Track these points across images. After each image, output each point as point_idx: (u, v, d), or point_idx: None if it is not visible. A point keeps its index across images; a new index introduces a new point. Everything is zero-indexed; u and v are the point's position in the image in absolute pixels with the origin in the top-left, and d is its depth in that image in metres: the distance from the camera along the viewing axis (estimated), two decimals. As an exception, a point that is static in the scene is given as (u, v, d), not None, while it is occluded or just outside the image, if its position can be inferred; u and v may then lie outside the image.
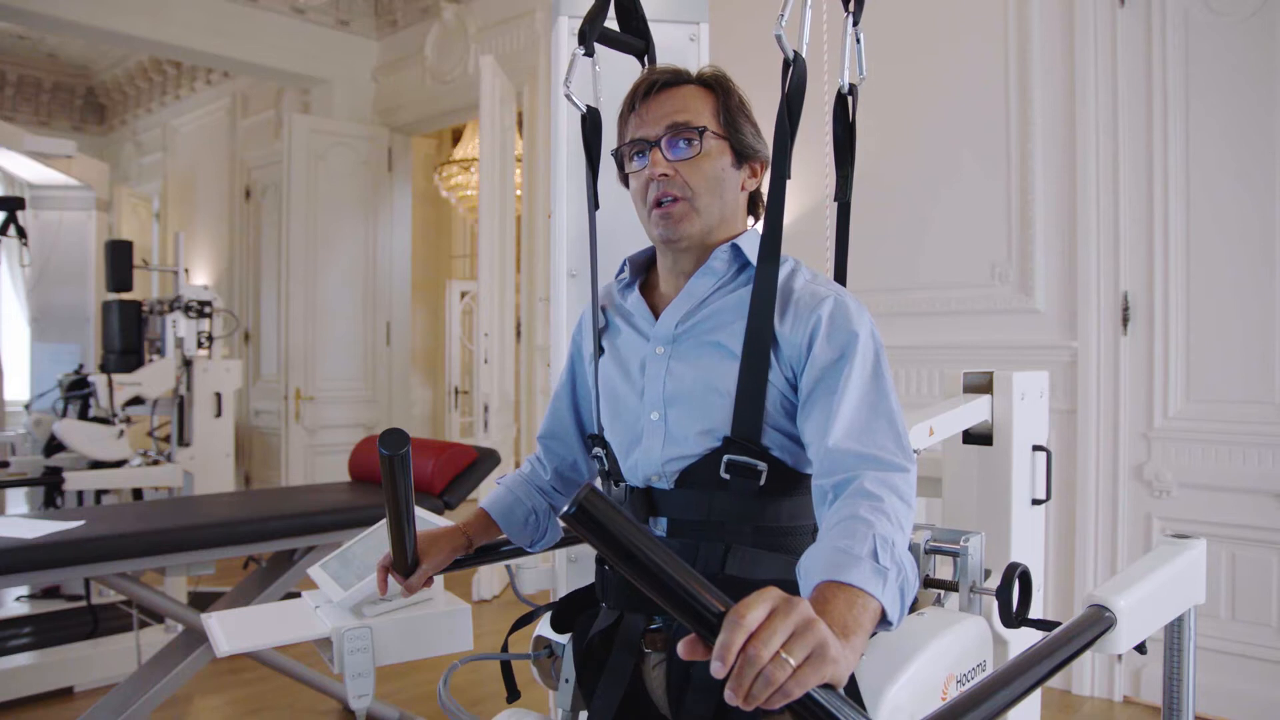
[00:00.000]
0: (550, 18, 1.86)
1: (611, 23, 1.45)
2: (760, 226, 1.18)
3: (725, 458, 1.08)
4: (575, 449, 1.37)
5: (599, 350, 1.25)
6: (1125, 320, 2.93)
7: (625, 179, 1.21)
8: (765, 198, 1.15)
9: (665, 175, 1.12)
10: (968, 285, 3.24)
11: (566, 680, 1.28)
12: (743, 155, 1.17)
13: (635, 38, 1.49)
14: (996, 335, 3.17)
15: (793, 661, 0.66)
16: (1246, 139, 2.72)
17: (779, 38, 1.11)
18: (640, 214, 1.18)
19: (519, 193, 4.95)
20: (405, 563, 1.22)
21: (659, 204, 1.13)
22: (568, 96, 1.33)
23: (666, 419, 1.13)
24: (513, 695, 1.37)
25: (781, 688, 0.66)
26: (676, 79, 1.16)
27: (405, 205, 6.10)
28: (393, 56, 5.83)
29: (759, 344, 1.07)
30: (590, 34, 1.34)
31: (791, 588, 0.75)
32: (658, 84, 1.15)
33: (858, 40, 1.31)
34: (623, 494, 1.19)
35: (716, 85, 1.16)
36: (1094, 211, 2.96)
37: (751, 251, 1.15)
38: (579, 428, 1.36)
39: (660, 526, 1.14)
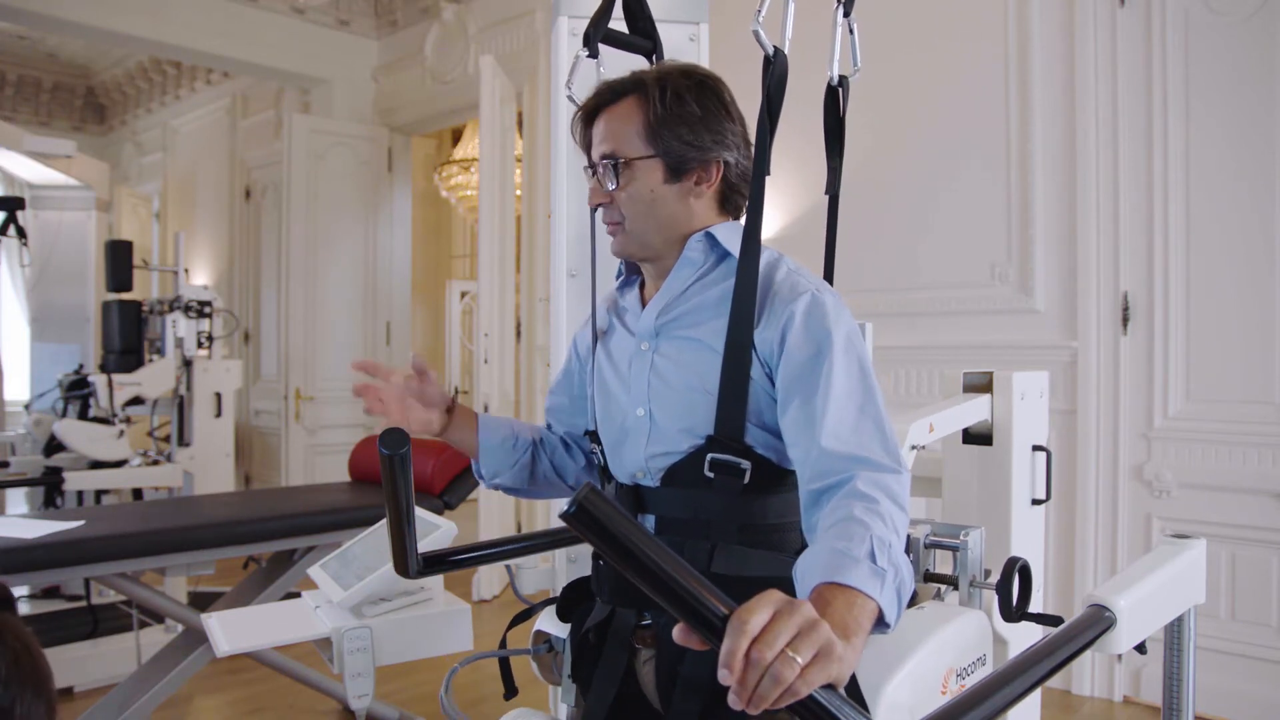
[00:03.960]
0: (550, 18, 1.86)
1: (618, 23, 1.45)
2: (741, 220, 1.18)
3: (709, 456, 1.07)
4: (575, 448, 1.40)
5: (594, 347, 1.27)
6: (1125, 320, 2.93)
7: None
8: (748, 196, 1.14)
9: (601, 203, 1.15)
10: (968, 285, 3.24)
11: (570, 676, 1.28)
12: (678, 169, 1.12)
13: (642, 38, 1.50)
14: (996, 335, 3.17)
15: (800, 660, 0.66)
16: (1246, 139, 2.72)
17: (757, 33, 1.11)
18: None
19: (519, 193, 4.95)
20: (405, 563, 1.22)
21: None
22: (570, 98, 1.33)
23: (651, 416, 1.13)
24: (510, 692, 1.37)
25: (790, 687, 0.65)
26: (613, 95, 1.14)
27: (405, 205, 6.10)
28: (393, 56, 5.83)
29: (740, 342, 1.06)
30: (594, 36, 1.35)
31: (781, 584, 0.75)
32: (593, 108, 1.16)
33: (851, 31, 1.30)
34: (613, 490, 1.19)
35: (646, 94, 1.11)
36: (1094, 211, 2.96)
37: (728, 240, 1.13)
38: (569, 420, 1.38)
39: (648, 524, 1.14)
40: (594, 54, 1.35)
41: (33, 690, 0.81)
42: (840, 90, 1.29)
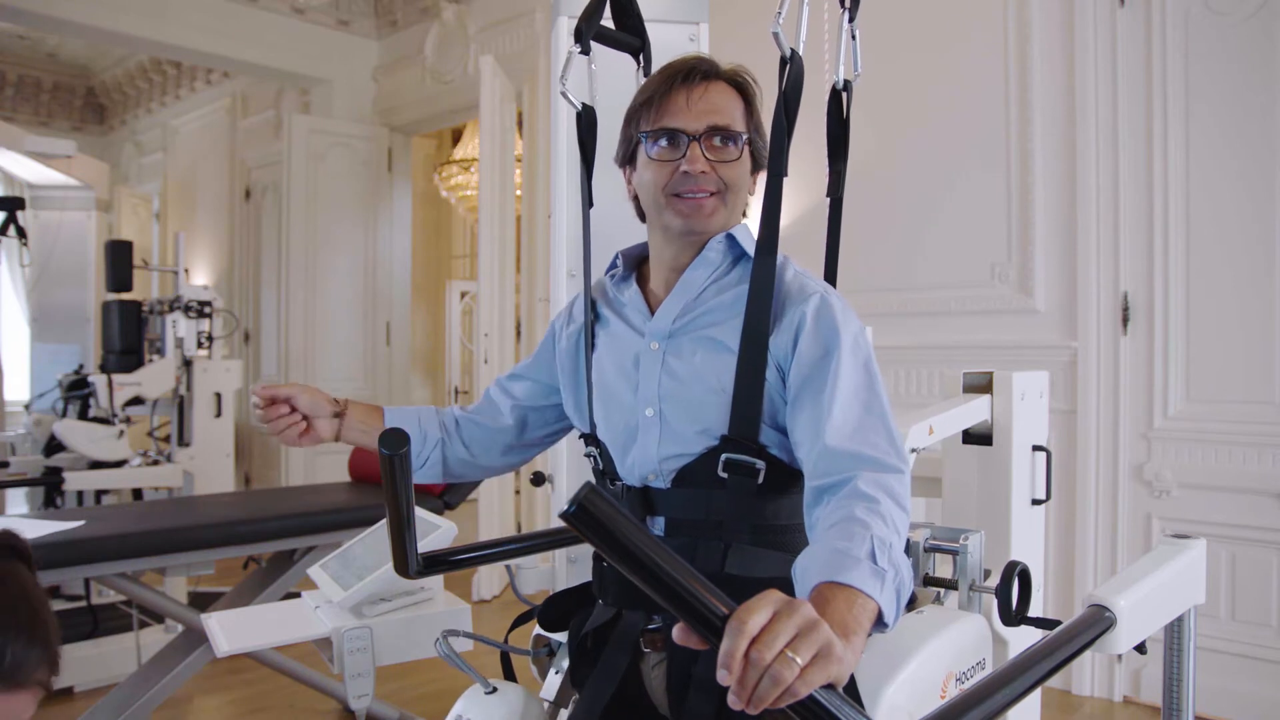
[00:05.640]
0: (550, 18, 1.86)
1: (608, 21, 1.45)
2: (750, 221, 1.19)
3: (723, 456, 1.07)
4: (504, 417, 1.36)
5: (591, 345, 1.24)
6: (1125, 320, 2.93)
7: (629, 158, 1.19)
8: (763, 197, 1.14)
9: (704, 172, 1.11)
10: (968, 285, 3.24)
11: (557, 671, 1.28)
12: (757, 164, 1.18)
13: (631, 36, 1.49)
14: (996, 335, 3.17)
15: (799, 660, 0.65)
16: (1246, 139, 2.72)
17: (776, 35, 1.11)
18: (651, 201, 1.15)
19: (519, 193, 4.95)
20: (405, 563, 1.22)
21: (682, 195, 1.12)
22: (563, 94, 1.33)
23: (662, 416, 1.12)
24: (515, 693, 1.36)
25: (790, 688, 0.65)
26: (714, 72, 1.15)
27: (405, 205, 6.10)
28: (393, 56, 5.83)
29: (756, 341, 1.06)
30: (586, 32, 1.34)
31: (792, 586, 0.75)
32: (707, 74, 1.13)
33: (854, 37, 1.30)
34: (619, 493, 1.18)
35: (747, 91, 1.16)
36: (1094, 211, 2.96)
37: (746, 242, 1.15)
38: (520, 396, 1.35)
39: (658, 526, 1.13)
40: (586, 50, 1.35)
41: (26, 638, 0.80)
42: (845, 94, 1.29)
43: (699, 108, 1.11)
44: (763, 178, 1.18)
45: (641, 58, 1.50)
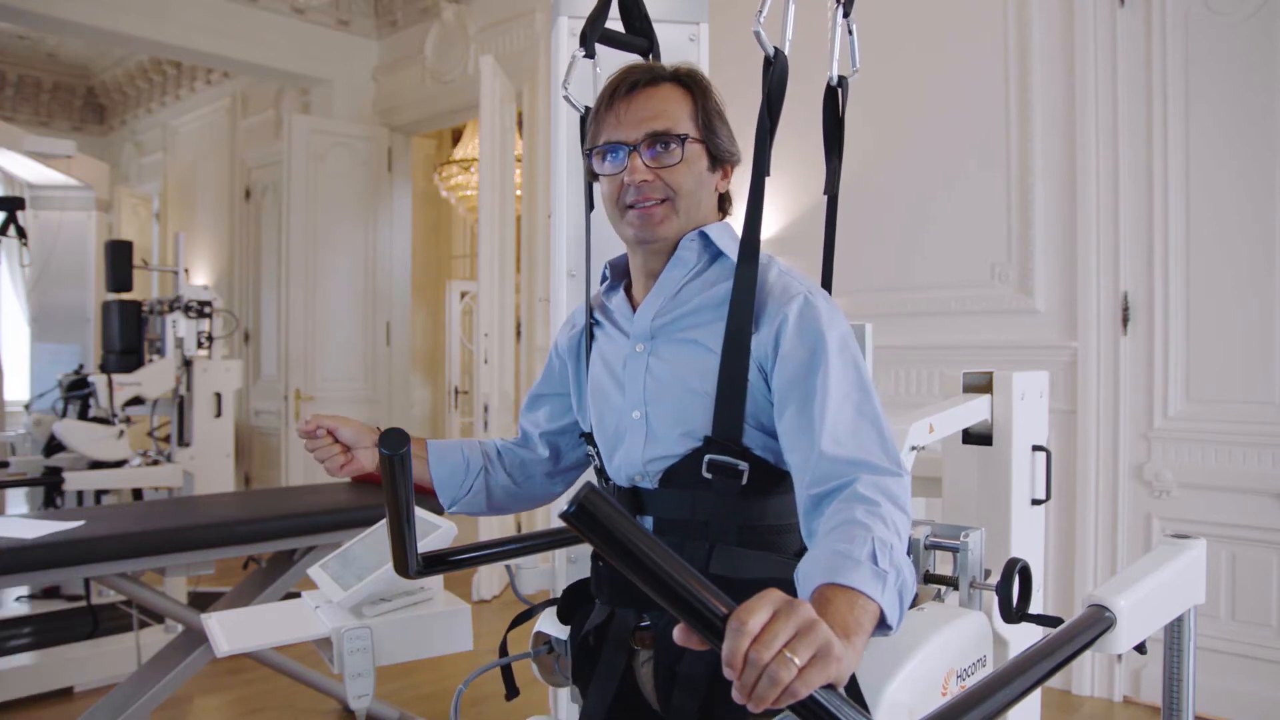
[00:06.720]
0: (550, 18, 1.86)
1: (614, 23, 1.45)
2: (729, 219, 1.19)
3: (706, 457, 1.07)
4: (539, 447, 1.39)
5: (589, 350, 1.26)
6: (1125, 320, 2.93)
7: (594, 176, 1.20)
8: (747, 194, 1.14)
9: (645, 181, 1.11)
10: (967, 285, 3.24)
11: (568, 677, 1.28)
12: (718, 159, 1.16)
13: (639, 37, 1.49)
14: (996, 335, 3.17)
15: (798, 661, 0.66)
16: (1246, 139, 2.72)
17: (758, 34, 1.11)
18: (610, 215, 1.17)
19: (519, 193, 4.95)
20: (405, 563, 1.22)
21: (633, 206, 1.12)
22: (566, 98, 1.33)
23: (647, 418, 1.13)
24: (511, 693, 1.37)
25: (788, 688, 0.65)
26: (653, 78, 1.14)
27: (405, 205, 6.10)
28: (393, 56, 5.83)
29: (738, 344, 1.06)
30: (591, 36, 1.34)
31: (780, 586, 0.75)
32: (637, 84, 1.13)
33: (850, 32, 1.31)
34: (612, 492, 1.19)
35: (695, 87, 1.15)
36: (1094, 211, 2.96)
37: (720, 239, 1.15)
38: (544, 422, 1.38)
39: (646, 526, 1.14)
40: (590, 54, 1.35)
41: None
42: (839, 90, 1.30)
43: (634, 116, 1.11)
44: (739, 173, 1.18)
45: (651, 58, 1.50)
